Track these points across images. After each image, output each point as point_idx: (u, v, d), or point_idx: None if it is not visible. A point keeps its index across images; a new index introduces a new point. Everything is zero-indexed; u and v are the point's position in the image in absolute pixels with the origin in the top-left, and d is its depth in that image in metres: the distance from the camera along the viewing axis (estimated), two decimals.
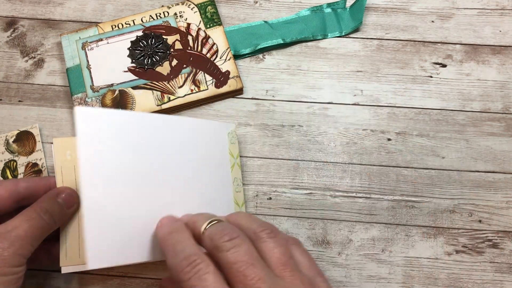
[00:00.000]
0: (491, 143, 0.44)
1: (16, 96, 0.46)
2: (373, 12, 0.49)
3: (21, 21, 0.50)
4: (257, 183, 0.43)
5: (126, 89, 0.45)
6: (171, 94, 0.45)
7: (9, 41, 0.49)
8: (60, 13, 0.50)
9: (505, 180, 0.43)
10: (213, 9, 0.48)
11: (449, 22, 0.49)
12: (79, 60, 0.46)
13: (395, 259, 0.41)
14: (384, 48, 0.48)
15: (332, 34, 0.48)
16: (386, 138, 0.44)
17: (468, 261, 0.40)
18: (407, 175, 0.43)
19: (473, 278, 0.40)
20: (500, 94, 0.46)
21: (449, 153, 0.44)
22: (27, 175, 0.43)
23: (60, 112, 0.46)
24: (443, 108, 0.45)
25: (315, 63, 0.47)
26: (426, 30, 0.48)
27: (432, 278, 0.40)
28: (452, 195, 0.42)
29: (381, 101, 0.46)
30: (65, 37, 0.47)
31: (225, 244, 0.26)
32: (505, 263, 0.40)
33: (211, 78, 0.46)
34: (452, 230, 0.41)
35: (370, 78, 0.47)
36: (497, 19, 0.49)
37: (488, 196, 0.42)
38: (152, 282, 0.40)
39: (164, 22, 0.48)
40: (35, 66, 0.48)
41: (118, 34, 0.47)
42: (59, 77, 0.47)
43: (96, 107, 0.44)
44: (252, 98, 0.46)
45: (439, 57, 0.47)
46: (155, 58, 0.46)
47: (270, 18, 0.49)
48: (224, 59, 0.46)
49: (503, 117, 0.45)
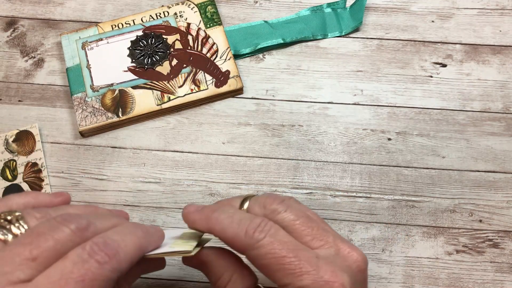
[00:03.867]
0: (492, 142, 0.44)
1: (16, 96, 0.46)
2: (373, 12, 0.49)
3: (21, 21, 0.50)
4: (257, 182, 0.43)
5: (126, 89, 0.45)
6: (171, 93, 0.45)
7: (9, 41, 0.49)
8: (60, 13, 0.50)
9: (506, 179, 0.43)
10: (213, 9, 0.48)
11: (449, 22, 0.49)
12: (79, 60, 0.46)
13: (395, 259, 0.41)
14: (384, 48, 0.48)
15: (332, 34, 0.48)
16: (386, 138, 0.44)
17: (469, 261, 0.40)
18: (408, 174, 0.43)
19: (474, 278, 0.40)
20: (500, 94, 0.46)
21: (449, 152, 0.44)
22: (27, 174, 0.43)
23: (60, 112, 0.46)
24: (444, 108, 0.45)
25: (315, 63, 0.47)
26: (426, 30, 0.48)
27: (433, 278, 0.40)
28: (453, 194, 0.42)
29: (381, 100, 0.46)
30: (65, 37, 0.47)
31: (280, 206, 0.28)
32: (506, 263, 0.40)
33: (211, 77, 0.46)
34: (453, 229, 0.41)
35: (370, 78, 0.47)
36: (497, 19, 0.49)
37: (489, 196, 0.42)
38: (152, 282, 0.40)
39: (164, 22, 0.48)
40: (35, 66, 0.48)
41: (118, 34, 0.47)
42: (59, 77, 0.47)
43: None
44: (252, 97, 0.46)
45: (439, 57, 0.47)
46: (155, 58, 0.46)
47: (270, 18, 0.49)
48: (224, 59, 0.46)
49: (503, 116, 0.45)
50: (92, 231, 0.25)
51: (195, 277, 0.40)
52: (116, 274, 0.24)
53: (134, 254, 0.25)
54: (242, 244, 0.26)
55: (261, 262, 0.25)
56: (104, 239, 0.24)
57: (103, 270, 0.23)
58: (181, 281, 0.40)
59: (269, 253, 0.25)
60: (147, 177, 0.43)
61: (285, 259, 0.25)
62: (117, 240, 0.24)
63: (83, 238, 0.24)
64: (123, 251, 0.24)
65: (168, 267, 0.40)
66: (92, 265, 0.23)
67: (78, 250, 0.23)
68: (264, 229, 0.26)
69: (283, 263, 0.25)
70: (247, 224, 0.26)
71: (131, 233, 0.25)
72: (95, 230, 0.25)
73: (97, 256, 0.23)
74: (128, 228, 0.26)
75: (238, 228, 0.26)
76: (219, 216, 0.27)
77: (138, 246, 0.25)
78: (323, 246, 0.27)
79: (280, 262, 0.25)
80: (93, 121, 0.44)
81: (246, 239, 0.26)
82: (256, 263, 0.26)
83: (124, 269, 0.24)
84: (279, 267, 0.25)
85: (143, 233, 0.26)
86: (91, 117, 0.44)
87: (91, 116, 0.44)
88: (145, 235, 0.26)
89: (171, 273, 0.40)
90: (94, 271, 0.22)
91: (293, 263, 0.25)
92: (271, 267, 0.25)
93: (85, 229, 0.24)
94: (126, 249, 0.24)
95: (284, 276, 0.25)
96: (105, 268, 0.23)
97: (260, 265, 0.26)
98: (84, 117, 0.44)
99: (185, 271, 0.40)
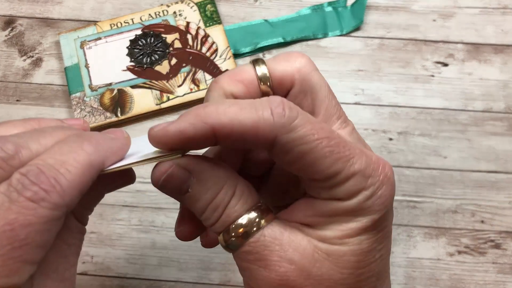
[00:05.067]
0: (494, 142, 0.44)
1: (14, 96, 0.46)
2: (374, 10, 0.49)
3: (19, 20, 0.49)
4: None
5: (125, 88, 0.45)
6: (170, 93, 0.45)
7: (7, 40, 0.48)
8: (59, 12, 0.49)
9: (508, 180, 0.42)
10: (213, 8, 0.48)
11: (451, 21, 0.48)
12: (77, 59, 0.46)
13: (396, 260, 0.40)
14: (385, 47, 0.47)
15: (333, 33, 0.48)
16: (387, 138, 0.44)
17: (471, 262, 0.40)
18: (409, 175, 0.43)
19: (475, 279, 0.40)
20: (503, 93, 0.45)
21: (451, 153, 0.43)
22: None
23: (58, 111, 0.45)
24: (445, 108, 0.45)
25: (315, 62, 0.47)
26: (427, 29, 0.48)
27: (434, 279, 0.40)
28: (454, 195, 0.42)
29: (383, 100, 0.45)
30: (64, 36, 0.47)
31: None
32: (508, 264, 0.40)
33: (211, 77, 0.45)
34: (454, 230, 0.41)
35: (372, 77, 0.46)
36: (499, 18, 0.48)
37: (491, 196, 0.42)
38: (151, 283, 0.40)
39: (163, 20, 0.47)
40: (33, 65, 0.47)
41: (117, 33, 0.47)
42: (57, 76, 0.47)
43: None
44: None
45: (441, 56, 0.47)
46: (154, 57, 0.46)
47: (270, 16, 0.49)
48: (224, 58, 0.46)
49: (505, 116, 0.45)
50: (24, 158, 0.18)
51: (195, 277, 0.39)
52: (61, 210, 0.18)
53: (82, 178, 0.19)
54: (270, 128, 0.18)
55: (299, 149, 0.19)
56: (36, 167, 0.18)
57: (41, 210, 0.17)
58: (180, 282, 0.39)
59: (309, 134, 0.19)
60: (146, 177, 0.43)
61: (329, 140, 0.19)
62: (54, 164, 0.18)
63: (9, 170, 0.18)
64: (65, 178, 0.18)
65: (168, 268, 0.40)
66: (22, 205, 0.17)
67: (3, 187, 0.17)
68: (291, 105, 0.19)
69: (328, 146, 0.19)
70: (265, 103, 0.19)
71: (74, 150, 0.19)
72: (28, 155, 0.18)
73: (28, 192, 0.17)
74: (70, 143, 0.19)
75: (257, 110, 0.19)
76: (217, 108, 0.19)
77: (88, 165, 0.19)
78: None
79: (325, 144, 0.19)
80: (91, 121, 0.44)
81: (276, 118, 0.18)
82: (288, 154, 0.19)
83: (72, 201, 0.18)
84: (324, 151, 0.19)
85: (93, 146, 0.19)
86: (90, 117, 0.44)
87: (89, 116, 0.44)
88: (97, 148, 0.20)
89: (171, 274, 0.40)
90: (27, 214, 0.17)
91: (339, 145, 0.19)
92: (313, 153, 0.19)
93: (11, 157, 0.18)
94: (69, 175, 0.18)
95: (333, 162, 0.19)
96: (43, 207, 0.17)
97: (296, 153, 0.19)
98: (83, 117, 0.44)
99: (184, 272, 0.40)
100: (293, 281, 0.20)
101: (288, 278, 0.20)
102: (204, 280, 0.39)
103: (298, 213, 0.21)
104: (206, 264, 0.40)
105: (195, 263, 0.40)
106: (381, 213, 0.20)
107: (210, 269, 0.39)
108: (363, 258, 0.20)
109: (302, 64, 0.23)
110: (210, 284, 0.39)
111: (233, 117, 0.19)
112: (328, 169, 0.19)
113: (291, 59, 0.23)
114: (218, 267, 0.40)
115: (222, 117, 0.19)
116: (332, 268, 0.20)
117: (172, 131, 0.19)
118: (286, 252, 0.20)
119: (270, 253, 0.20)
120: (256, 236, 0.20)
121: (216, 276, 0.39)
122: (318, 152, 0.19)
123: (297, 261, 0.20)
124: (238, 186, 0.21)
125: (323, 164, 0.19)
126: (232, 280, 0.39)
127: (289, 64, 0.23)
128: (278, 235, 0.20)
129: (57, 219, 0.18)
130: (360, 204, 0.20)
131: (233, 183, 0.21)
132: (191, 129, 0.19)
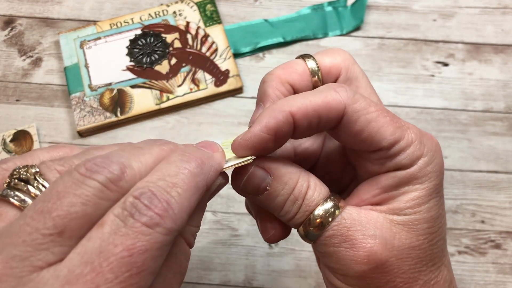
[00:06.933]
0: (494, 142, 0.44)
1: (14, 95, 0.46)
2: (374, 10, 0.49)
3: (19, 19, 0.49)
4: None
5: (125, 88, 0.45)
6: (170, 93, 0.44)
7: (7, 40, 0.48)
8: (58, 12, 0.49)
9: (508, 180, 0.42)
10: (213, 8, 0.48)
11: (451, 20, 0.48)
12: (77, 59, 0.46)
13: None
14: (385, 47, 0.47)
15: (333, 33, 0.48)
16: None
17: (471, 262, 0.40)
18: None
19: (476, 279, 0.39)
20: (503, 93, 0.45)
21: (451, 152, 0.43)
22: None
23: (57, 111, 0.45)
24: (445, 108, 0.45)
25: None
26: (428, 28, 0.48)
27: None
28: (455, 195, 0.42)
29: (383, 100, 0.45)
30: (63, 35, 0.47)
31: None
32: (508, 264, 0.40)
33: (210, 77, 0.45)
34: (455, 230, 0.41)
35: (372, 77, 0.46)
36: (499, 18, 0.48)
37: (491, 196, 0.42)
38: None
39: (163, 20, 0.47)
40: (33, 65, 0.47)
41: (116, 32, 0.47)
42: (57, 76, 0.47)
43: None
44: (252, 97, 0.46)
45: (441, 56, 0.47)
46: (154, 57, 0.46)
47: (270, 16, 0.49)
48: (224, 58, 0.46)
49: (505, 116, 0.44)
50: (130, 178, 0.17)
51: (195, 277, 0.39)
52: (173, 235, 0.17)
53: (191, 200, 0.18)
54: (338, 102, 0.20)
55: (365, 117, 0.21)
56: (148, 189, 0.17)
57: (156, 235, 0.16)
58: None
59: (371, 105, 0.21)
60: None
61: (387, 112, 0.21)
62: (166, 186, 0.17)
63: (120, 191, 0.17)
64: (176, 201, 0.17)
65: None
66: (139, 230, 0.16)
67: (116, 210, 0.17)
68: (347, 87, 0.22)
69: (388, 116, 0.21)
70: (327, 87, 0.21)
71: (182, 172, 0.18)
72: (133, 175, 0.18)
73: (144, 217, 0.16)
74: (177, 163, 0.18)
75: (323, 92, 0.21)
76: (287, 99, 0.21)
77: (195, 187, 0.18)
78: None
79: (386, 114, 0.21)
80: (91, 120, 0.43)
81: (342, 94, 0.21)
82: (356, 123, 0.21)
83: (183, 225, 0.18)
84: (386, 119, 0.21)
85: (198, 167, 0.19)
86: (89, 116, 0.44)
87: (89, 116, 0.44)
88: (202, 168, 0.19)
89: None
90: (144, 239, 0.16)
91: (395, 116, 0.22)
92: (377, 121, 0.21)
93: (119, 178, 0.17)
94: (179, 198, 0.17)
95: (395, 129, 0.21)
96: (157, 232, 0.16)
97: (364, 121, 0.21)
98: (82, 117, 0.44)
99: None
100: (380, 254, 0.21)
101: (376, 252, 0.21)
102: (204, 280, 0.39)
103: (365, 195, 0.23)
104: (206, 264, 0.40)
105: (195, 263, 0.40)
106: (440, 178, 0.22)
107: (210, 269, 0.39)
108: (433, 224, 0.22)
109: (346, 57, 0.25)
110: (210, 284, 0.39)
111: (304, 100, 0.21)
112: (392, 135, 0.21)
113: (335, 53, 0.25)
114: (218, 267, 0.39)
115: (296, 102, 0.21)
116: (410, 237, 0.22)
117: (258, 129, 0.20)
118: (368, 230, 0.21)
119: (354, 233, 0.21)
120: (337, 220, 0.22)
121: (216, 276, 0.39)
122: (380, 120, 0.21)
123: (379, 236, 0.21)
124: (311, 178, 0.22)
125: (387, 131, 0.21)
126: (232, 280, 0.39)
127: (334, 57, 0.25)
128: (356, 216, 0.22)
129: (169, 244, 0.17)
130: (421, 169, 0.21)
131: (306, 176, 0.22)
132: (273, 121, 0.20)
